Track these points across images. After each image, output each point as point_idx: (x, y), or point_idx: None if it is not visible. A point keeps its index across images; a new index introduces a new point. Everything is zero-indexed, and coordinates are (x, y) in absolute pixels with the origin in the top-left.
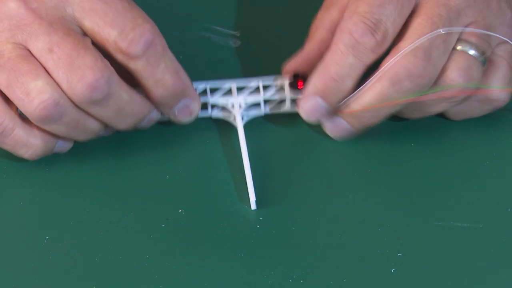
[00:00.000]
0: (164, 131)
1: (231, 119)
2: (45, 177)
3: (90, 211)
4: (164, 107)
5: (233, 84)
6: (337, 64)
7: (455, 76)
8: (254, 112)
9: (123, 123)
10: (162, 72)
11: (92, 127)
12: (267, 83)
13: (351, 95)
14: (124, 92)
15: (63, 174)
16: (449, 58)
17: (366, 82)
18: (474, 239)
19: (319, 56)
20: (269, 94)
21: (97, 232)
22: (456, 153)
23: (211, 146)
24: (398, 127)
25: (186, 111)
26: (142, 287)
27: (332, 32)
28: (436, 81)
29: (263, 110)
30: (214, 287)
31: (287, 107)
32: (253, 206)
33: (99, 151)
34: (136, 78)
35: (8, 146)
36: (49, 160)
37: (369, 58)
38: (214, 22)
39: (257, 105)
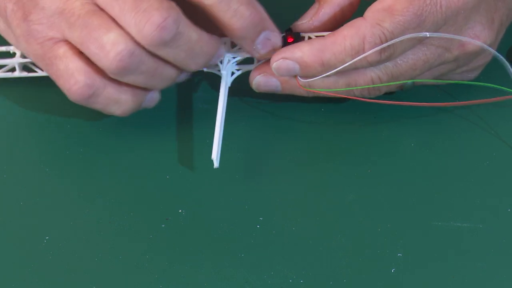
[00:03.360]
0: (164, 131)
1: (221, 74)
2: (45, 177)
3: (90, 211)
4: (246, 41)
5: (226, 39)
6: (334, 55)
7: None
8: (245, 66)
9: (195, 64)
10: (237, 3)
11: (168, 73)
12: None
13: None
14: (192, 31)
15: (63, 174)
16: None
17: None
18: (474, 239)
19: (333, 23)
20: None
21: (97, 232)
22: (456, 153)
23: (211, 146)
24: (398, 126)
25: (268, 44)
26: (142, 287)
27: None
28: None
29: (255, 64)
30: (214, 287)
31: None
32: (216, 164)
33: (99, 151)
34: (211, 16)
35: (100, 105)
36: (49, 160)
37: (363, 66)
38: None
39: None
